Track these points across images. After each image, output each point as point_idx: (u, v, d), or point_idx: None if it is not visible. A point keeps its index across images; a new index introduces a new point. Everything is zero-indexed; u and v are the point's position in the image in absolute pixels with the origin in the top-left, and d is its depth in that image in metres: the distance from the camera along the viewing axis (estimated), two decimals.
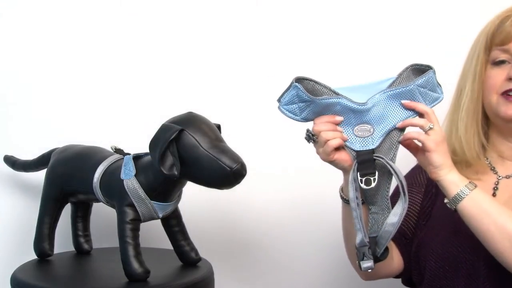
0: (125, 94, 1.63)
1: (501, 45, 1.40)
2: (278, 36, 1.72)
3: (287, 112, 1.28)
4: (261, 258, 1.73)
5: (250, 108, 1.68)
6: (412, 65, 1.30)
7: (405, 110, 1.28)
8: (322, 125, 1.28)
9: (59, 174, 1.40)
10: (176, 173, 1.22)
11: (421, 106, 1.28)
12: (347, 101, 1.26)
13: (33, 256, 1.43)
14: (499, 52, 1.41)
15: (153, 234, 1.45)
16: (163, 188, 1.27)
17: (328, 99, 1.26)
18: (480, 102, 1.44)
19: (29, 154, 1.50)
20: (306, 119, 1.28)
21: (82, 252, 1.47)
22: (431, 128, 1.26)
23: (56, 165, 1.40)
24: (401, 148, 1.28)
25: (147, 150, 1.24)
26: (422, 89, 1.28)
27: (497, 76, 1.41)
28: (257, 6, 1.70)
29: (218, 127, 1.30)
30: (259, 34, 1.71)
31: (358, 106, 1.26)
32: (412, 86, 1.26)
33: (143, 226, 1.29)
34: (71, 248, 1.48)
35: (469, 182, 1.29)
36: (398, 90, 1.26)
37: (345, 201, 1.35)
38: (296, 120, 1.28)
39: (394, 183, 1.30)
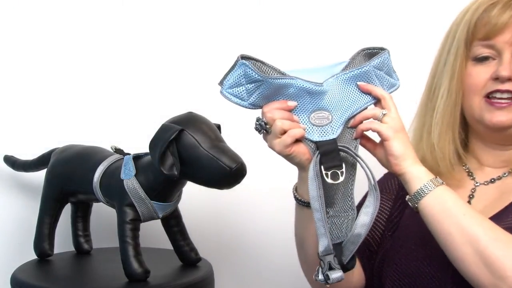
0: (125, 94, 1.63)
1: (485, 40, 1.21)
2: (279, 36, 1.72)
3: (231, 97, 1.12)
4: (261, 258, 1.73)
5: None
6: (363, 49, 1.19)
7: (362, 95, 1.15)
8: (276, 112, 1.11)
9: (59, 174, 1.40)
10: (176, 173, 1.22)
11: (378, 90, 1.14)
12: (303, 82, 1.11)
13: (33, 256, 1.43)
14: (482, 47, 1.22)
15: (153, 234, 1.45)
16: (163, 188, 1.27)
17: (282, 78, 1.10)
18: (459, 104, 1.26)
19: (29, 154, 1.50)
20: (254, 105, 1.13)
21: (82, 252, 1.47)
22: (384, 115, 1.13)
23: (56, 165, 1.40)
24: None
25: (147, 150, 1.24)
26: (378, 71, 1.16)
27: (480, 74, 1.23)
28: (258, 6, 1.70)
29: (218, 127, 1.30)
30: (260, 34, 1.71)
31: (315, 86, 1.11)
32: (367, 67, 1.15)
33: (143, 226, 1.29)
34: (71, 248, 1.48)
35: (435, 177, 1.14)
36: (352, 72, 1.14)
37: (301, 202, 1.21)
38: (243, 107, 1.13)
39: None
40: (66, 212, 1.45)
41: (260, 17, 1.70)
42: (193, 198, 1.44)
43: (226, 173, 1.20)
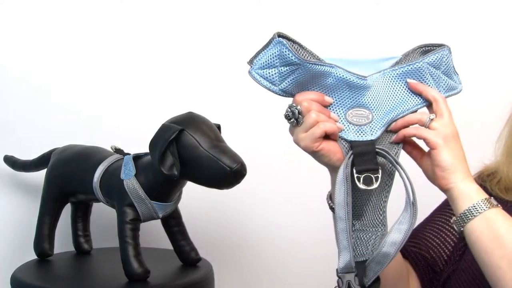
0: (125, 94, 1.63)
1: None
2: None
3: (261, 80, 0.98)
4: (261, 258, 1.73)
5: (250, 108, 1.68)
6: (420, 46, 1.03)
7: (412, 95, 1.00)
8: (314, 103, 0.97)
9: (59, 174, 1.40)
10: (176, 173, 1.22)
11: (430, 91, 0.99)
12: (344, 72, 0.97)
13: (33, 256, 1.43)
14: None
15: (153, 234, 1.45)
16: (163, 188, 1.27)
17: (321, 65, 0.96)
18: None
19: (29, 154, 1.50)
20: (285, 92, 0.99)
21: (82, 252, 1.47)
22: (432, 120, 0.98)
23: (56, 165, 1.40)
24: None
25: (147, 150, 1.25)
26: (434, 69, 1.00)
27: None
28: (257, 6, 1.70)
29: (218, 127, 1.30)
30: (259, 34, 1.70)
31: (358, 79, 0.97)
32: (420, 63, 0.99)
33: (143, 226, 1.29)
34: (71, 248, 1.48)
35: (489, 197, 0.97)
36: (402, 69, 1.00)
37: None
38: (272, 92, 0.98)
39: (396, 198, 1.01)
40: (66, 212, 1.45)
41: (259, 17, 1.70)
42: (193, 198, 1.45)
43: (226, 173, 1.20)
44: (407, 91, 1.00)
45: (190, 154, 1.22)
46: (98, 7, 1.61)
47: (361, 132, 0.98)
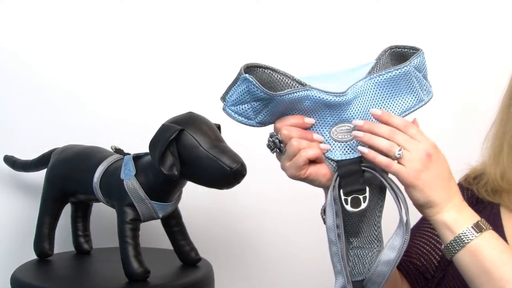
0: (125, 94, 1.63)
1: None
2: (279, 36, 1.72)
3: (236, 116, 0.96)
4: (261, 258, 1.73)
5: None
6: (391, 47, 0.98)
7: (400, 100, 0.95)
8: (294, 129, 0.94)
9: (59, 174, 1.40)
10: (176, 173, 1.22)
11: (395, 120, 0.93)
12: (320, 93, 0.93)
13: (33, 256, 1.43)
14: None
15: (153, 234, 1.45)
16: (163, 188, 1.27)
17: (293, 92, 0.93)
18: None
19: (29, 154, 1.50)
20: (263, 124, 0.97)
21: (82, 252, 1.47)
22: (400, 157, 0.90)
23: (56, 165, 1.40)
24: None
25: (147, 150, 1.25)
26: (418, 73, 0.95)
27: None
28: (257, 6, 1.70)
29: (218, 127, 1.30)
30: (259, 34, 1.71)
31: (335, 98, 0.93)
32: (408, 67, 0.94)
33: (143, 226, 1.29)
34: (71, 248, 1.48)
35: (476, 223, 0.93)
36: (390, 73, 0.94)
37: None
38: (250, 126, 0.97)
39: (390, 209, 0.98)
40: (66, 212, 1.45)
41: (258, 17, 1.70)
42: (193, 198, 1.44)
43: (226, 173, 1.20)
44: (395, 95, 0.96)
45: (190, 154, 1.22)
46: (99, 6, 1.61)
47: (348, 149, 0.95)
